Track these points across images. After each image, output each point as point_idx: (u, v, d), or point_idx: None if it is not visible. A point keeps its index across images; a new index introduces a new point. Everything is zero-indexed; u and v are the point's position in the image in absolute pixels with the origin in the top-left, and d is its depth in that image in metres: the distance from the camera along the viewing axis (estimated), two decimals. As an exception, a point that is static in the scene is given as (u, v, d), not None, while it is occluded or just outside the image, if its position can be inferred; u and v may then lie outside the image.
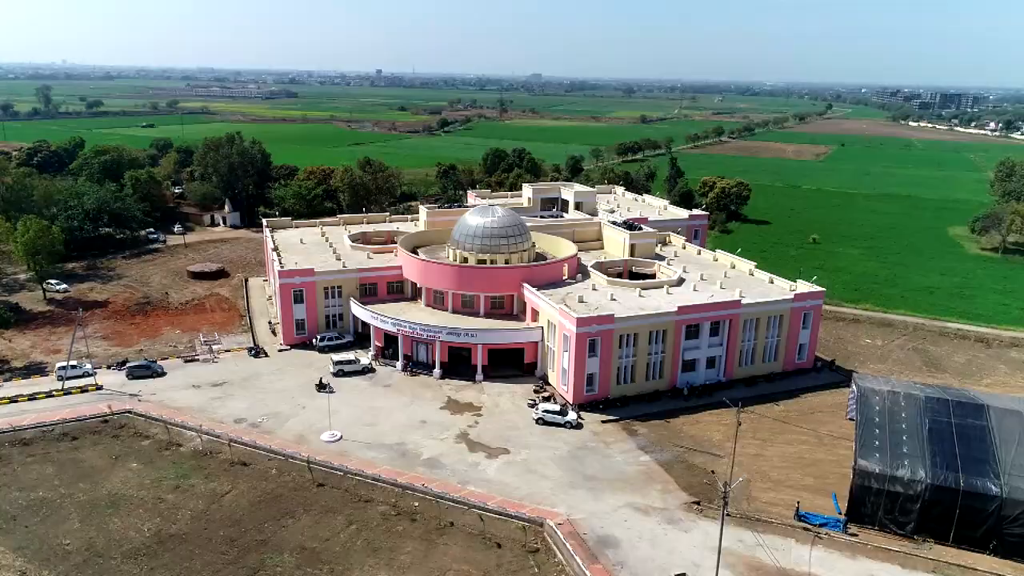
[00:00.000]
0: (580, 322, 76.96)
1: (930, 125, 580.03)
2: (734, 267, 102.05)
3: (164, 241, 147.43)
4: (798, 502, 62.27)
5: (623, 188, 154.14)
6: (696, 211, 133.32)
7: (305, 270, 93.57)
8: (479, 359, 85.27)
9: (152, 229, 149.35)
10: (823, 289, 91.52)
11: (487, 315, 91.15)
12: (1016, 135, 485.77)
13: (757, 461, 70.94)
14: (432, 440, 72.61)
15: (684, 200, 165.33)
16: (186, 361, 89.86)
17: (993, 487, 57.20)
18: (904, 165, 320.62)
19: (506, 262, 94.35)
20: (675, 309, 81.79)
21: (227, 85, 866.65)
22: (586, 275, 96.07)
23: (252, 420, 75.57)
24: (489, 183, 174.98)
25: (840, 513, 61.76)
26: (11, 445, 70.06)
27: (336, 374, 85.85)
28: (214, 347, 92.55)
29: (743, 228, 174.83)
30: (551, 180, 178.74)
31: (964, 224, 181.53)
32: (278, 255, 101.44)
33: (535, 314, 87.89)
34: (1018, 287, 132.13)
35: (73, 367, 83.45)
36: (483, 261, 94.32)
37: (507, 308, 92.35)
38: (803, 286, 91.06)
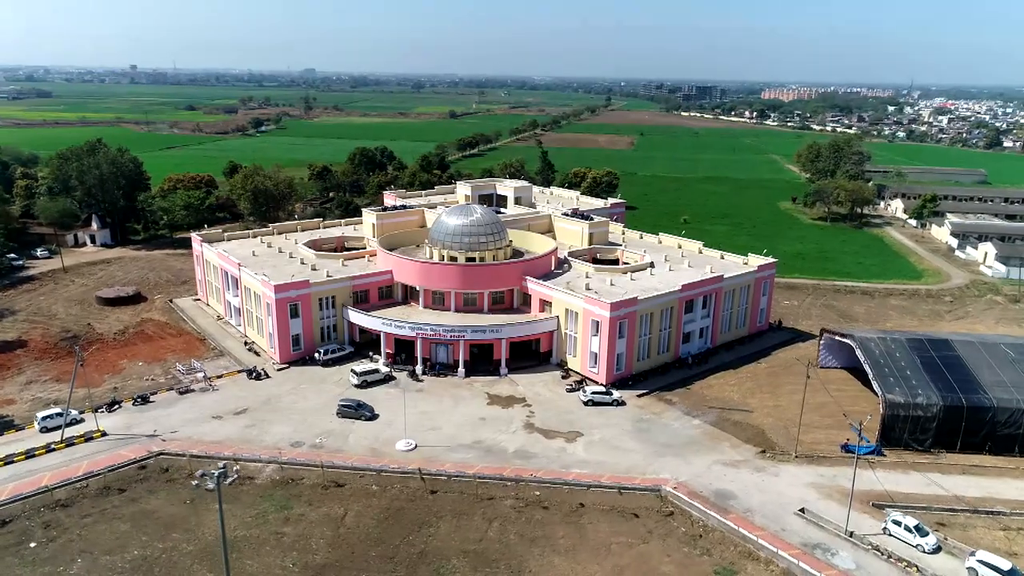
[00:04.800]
0: (613, 307, 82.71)
1: (699, 115, 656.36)
2: (681, 247, 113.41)
3: (28, 268, 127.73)
4: (847, 439, 73.52)
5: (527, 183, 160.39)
6: (613, 200, 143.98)
7: (300, 283, 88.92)
8: (503, 354, 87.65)
9: (15, 255, 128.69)
10: (776, 260, 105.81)
11: (490, 310, 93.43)
12: (768, 122, 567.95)
13: (781, 410, 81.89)
14: (504, 434, 74.48)
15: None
16: (180, 393, 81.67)
17: (986, 401, 72.72)
18: (702, 151, 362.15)
19: (493, 258, 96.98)
20: (679, 288, 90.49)
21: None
22: (568, 265, 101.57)
23: (311, 442, 71.89)
24: (382, 182, 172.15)
25: (869, 442, 74.22)
26: (51, 509, 60.75)
27: (359, 386, 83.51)
28: (207, 375, 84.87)
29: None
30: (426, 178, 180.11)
31: (787, 199, 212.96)
32: (241, 269, 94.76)
33: (542, 305, 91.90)
34: (859, 248, 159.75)
35: (58, 415, 72.89)
36: (472, 259, 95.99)
37: (507, 302, 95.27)
38: (756, 259, 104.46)
